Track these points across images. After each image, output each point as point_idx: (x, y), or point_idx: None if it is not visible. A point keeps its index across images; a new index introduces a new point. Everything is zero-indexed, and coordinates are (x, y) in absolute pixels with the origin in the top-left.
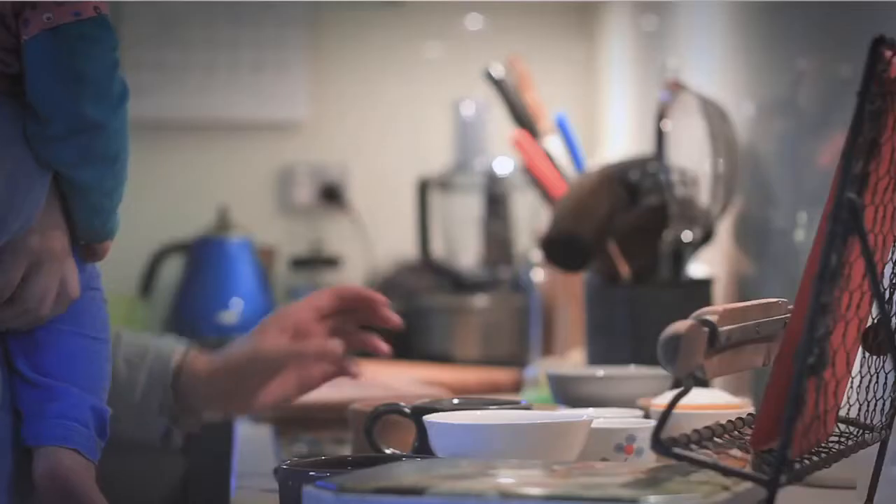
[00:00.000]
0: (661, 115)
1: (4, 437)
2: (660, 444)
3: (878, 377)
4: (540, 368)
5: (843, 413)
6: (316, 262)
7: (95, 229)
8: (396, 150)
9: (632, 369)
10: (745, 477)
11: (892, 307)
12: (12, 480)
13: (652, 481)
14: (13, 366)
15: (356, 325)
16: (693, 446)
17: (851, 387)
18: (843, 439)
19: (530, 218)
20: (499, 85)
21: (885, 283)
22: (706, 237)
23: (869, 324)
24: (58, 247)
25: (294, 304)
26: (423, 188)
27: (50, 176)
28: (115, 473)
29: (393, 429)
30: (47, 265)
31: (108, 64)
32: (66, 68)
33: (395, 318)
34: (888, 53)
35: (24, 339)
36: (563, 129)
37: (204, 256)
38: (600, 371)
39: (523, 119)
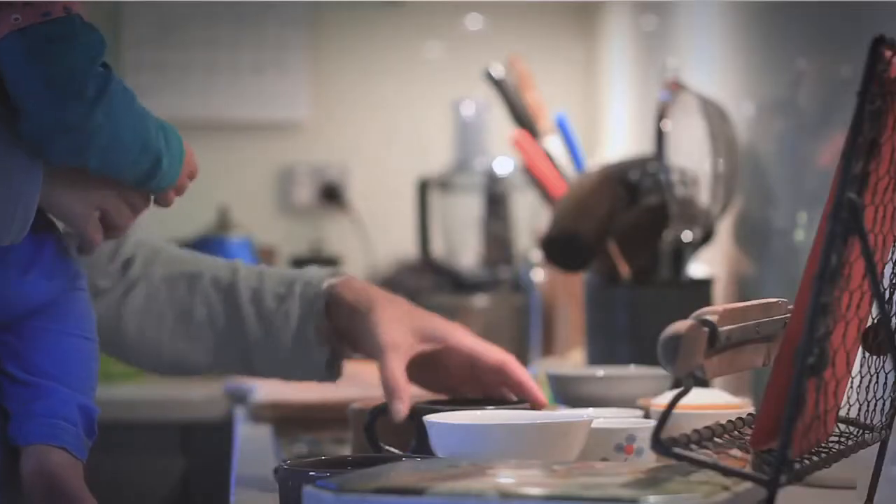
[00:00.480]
0: (661, 115)
1: None
2: (660, 444)
3: (878, 377)
4: (540, 368)
5: (843, 413)
6: (316, 262)
7: (141, 187)
8: (396, 150)
9: (632, 369)
10: (745, 477)
11: (892, 307)
12: (2, 481)
13: (652, 481)
14: (1, 366)
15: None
16: (693, 446)
17: (851, 387)
18: (843, 439)
19: (530, 218)
20: (499, 85)
21: (885, 283)
22: (706, 237)
23: (869, 324)
24: (95, 188)
25: (462, 336)
26: (423, 188)
27: (40, 174)
28: (115, 473)
29: (393, 429)
30: (100, 203)
31: (80, 64)
32: (36, 70)
33: (542, 399)
34: (888, 53)
35: (11, 340)
36: (563, 129)
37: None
38: (600, 371)
39: (523, 119)
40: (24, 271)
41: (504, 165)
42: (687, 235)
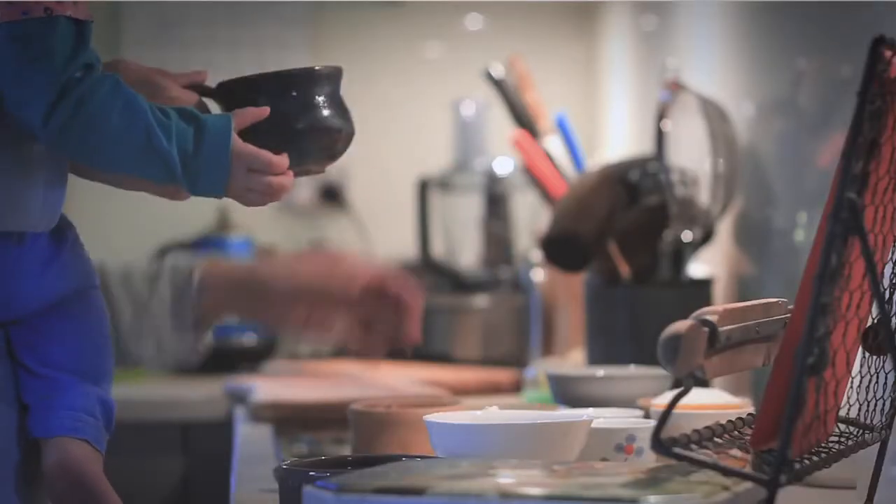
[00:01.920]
0: (661, 115)
1: (10, 431)
2: (660, 444)
3: (878, 377)
4: (540, 368)
5: (843, 413)
6: None
7: (170, 184)
8: (396, 150)
9: (632, 369)
10: (745, 477)
11: (892, 307)
12: (19, 473)
13: (652, 481)
14: (18, 360)
15: (383, 315)
16: (693, 446)
17: (851, 387)
18: (843, 439)
19: (530, 218)
20: (499, 85)
21: (885, 283)
22: (706, 237)
23: (869, 324)
24: None
25: (342, 258)
26: (423, 188)
27: (66, 162)
28: (115, 473)
29: (393, 429)
30: None
31: (48, 68)
32: (5, 67)
33: (416, 335)
34: (888, 53)
35: (28, 334)
36: (563, 129)
37: (204, 256)
38: (600, 371)
39: (523, 119)
40: (44, 268)
41: (504, 165)
42: (687, 235)
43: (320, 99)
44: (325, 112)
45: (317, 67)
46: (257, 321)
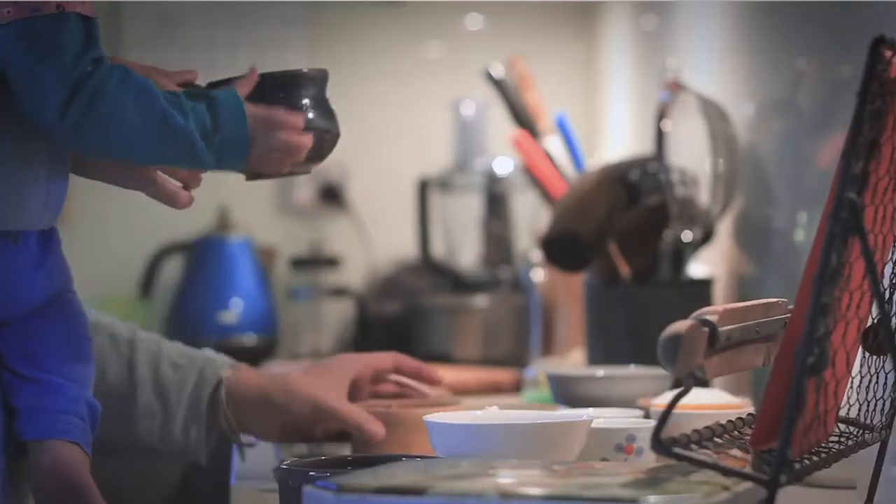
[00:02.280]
0: (661, 115)
1: None
2: (660, 444)
3: (878, 377)
4: (540, 368)
5: (843, 413)
6: (316, 262)
7: (192, 168)
8: (396, 150)
9: (632, 369)
10: (745, 477)
11: (892, 307)
12: (6, 476)
13: (652, 481)
14: (5, 363)
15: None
16: (693, 446)
17: (851, 387)
18: (843, 439)
19: (530, 218)
20: (499, 85)
21: (885, 283)
22: (706, 237)
23: (869, 324)
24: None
25: (356, 358)
26: (423, 188)
27: (68, 158)
28: (116, 473)
29: (393, 429)
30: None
31: (59, 65)
32: (14, 65)
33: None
34: (888, 53)
35: (16, 336)
36: (563, 129)
37: (204, 256)
38: (600, 371)
39: (523, 119)
40: (36, 268)
41: (504, 165)
42: (687, 235)
43: (306, 101)
44: (311, 114)
45: (304, 70)
46: (275, 439)
